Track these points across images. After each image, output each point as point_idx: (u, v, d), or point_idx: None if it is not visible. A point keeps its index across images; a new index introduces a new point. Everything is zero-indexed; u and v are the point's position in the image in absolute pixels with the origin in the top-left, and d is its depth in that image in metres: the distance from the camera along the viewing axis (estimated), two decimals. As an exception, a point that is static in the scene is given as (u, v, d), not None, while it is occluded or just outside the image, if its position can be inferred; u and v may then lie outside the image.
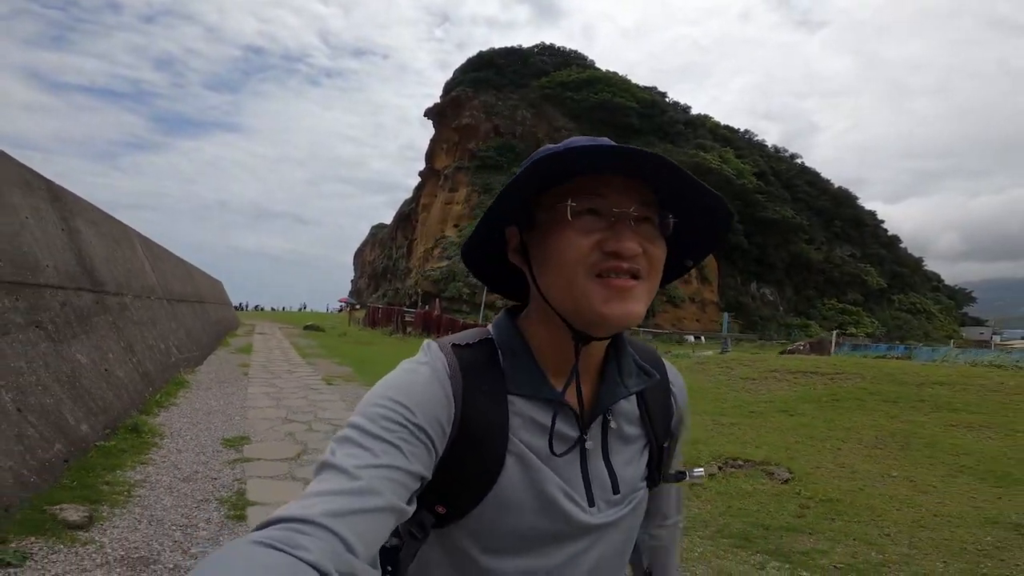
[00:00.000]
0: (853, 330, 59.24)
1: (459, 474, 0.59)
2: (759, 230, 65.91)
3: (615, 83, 70.11)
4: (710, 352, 18.53)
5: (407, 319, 25.47)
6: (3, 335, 3.64)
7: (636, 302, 0.57)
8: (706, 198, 0.59)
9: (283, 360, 12.36)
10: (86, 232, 6.52)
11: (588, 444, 0.64)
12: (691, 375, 9.73)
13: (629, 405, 0.69)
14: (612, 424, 0.66)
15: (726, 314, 40.56)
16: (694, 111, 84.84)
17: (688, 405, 0.78)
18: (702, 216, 0.61)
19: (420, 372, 0.60)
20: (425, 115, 70.76)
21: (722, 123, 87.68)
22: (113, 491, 3.44)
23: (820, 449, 5.32)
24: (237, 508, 3.42)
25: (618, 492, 0.65)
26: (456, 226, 55.11)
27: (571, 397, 0.63)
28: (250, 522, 3.29)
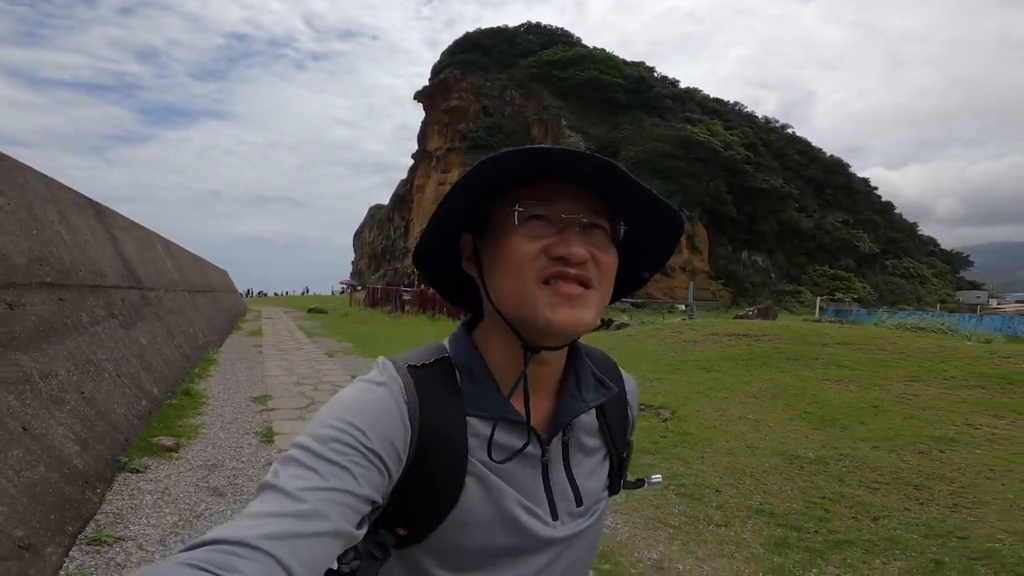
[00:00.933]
0: (840, 295, 60.56)
1: (419, 497, 0.58)
2: (748, 199, 66.86)
3: (602, 60, 70.17)
4: (678, 319, 20.09)
5: (404, 298, 26.91)
6: (97, 324, 5.15)
7: (586, 309, 0.57)
8: (658, 207, 0.58)
9: (291, 340, 13.95)
10: (123, 239, 7.99)
11: (548, 459, 0.64)
12: (646, 340, 11.17)
13: (588, 418, 0.69)
14: (571, 436, 0.66)
15: (691, 283, 42.06)
16: (690, 82, 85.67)
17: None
18: (655, 225, 0.61)
19: (375, 393, 0.58)
20: (415, 98, 71.20)
21: (712, 95, 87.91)
22: (185, 430, 5.00)
23: (711, 398, 6.47)
24: (267, 437, 5.00)
25: (581, 504, 0.66)
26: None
27: (534, 417, 0.63)
28: (277, 444, 4.85)
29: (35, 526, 2.59)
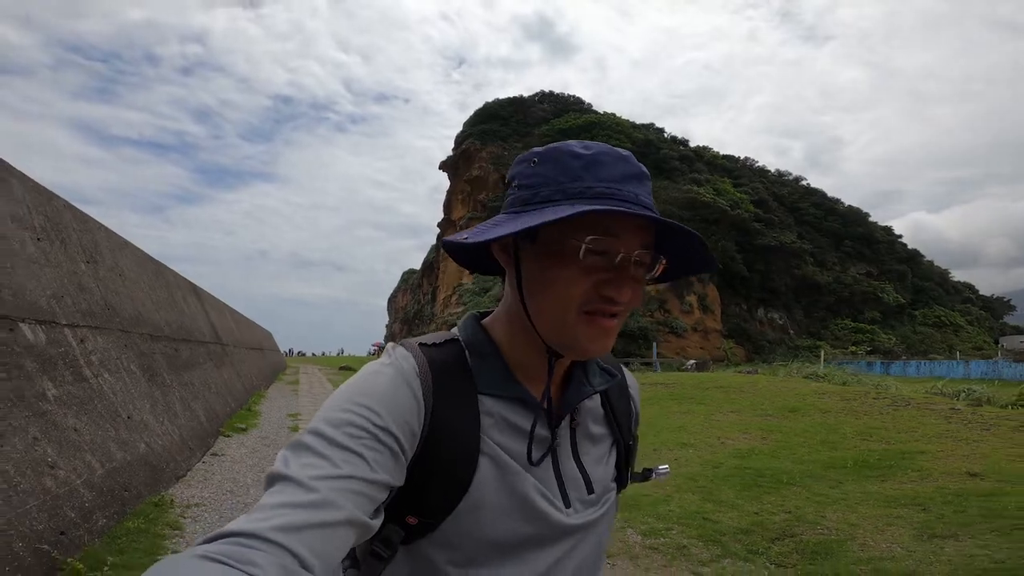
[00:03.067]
0: (853, 348, 60.94)
1: (431, 478, 0.57)
2: (760, 257, 68.87)
3: (610, 125, 75.97)
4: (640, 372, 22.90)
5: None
6: (205, 363, 8.87)
7: (612, 338, 0.59)
8: (699, 248, 0.58)
9: (320, 387, 17.69)
10: (209, 310, 11.95)
11: (558, 444, 0.64)
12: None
13: (594, 404, 0.70)
14: (579, 422, 0.67)
15: (655, 343, 44.48)
16: (714, 134, 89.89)
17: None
18: (687, 262, 0.62)
19: (385, 373, 0.57)
20: (440, 168, 78.11)
21: (723, 153, 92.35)
22: (250, 424, 8.57)
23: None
24: (294, 429, 8.55)
25: (592, 492, 0.65)
26: (472, 274, 60.80)
27: (538, 398, 0.63)
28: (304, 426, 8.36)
29: (196, 442, 6.16)
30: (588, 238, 0.54)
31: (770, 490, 4.96)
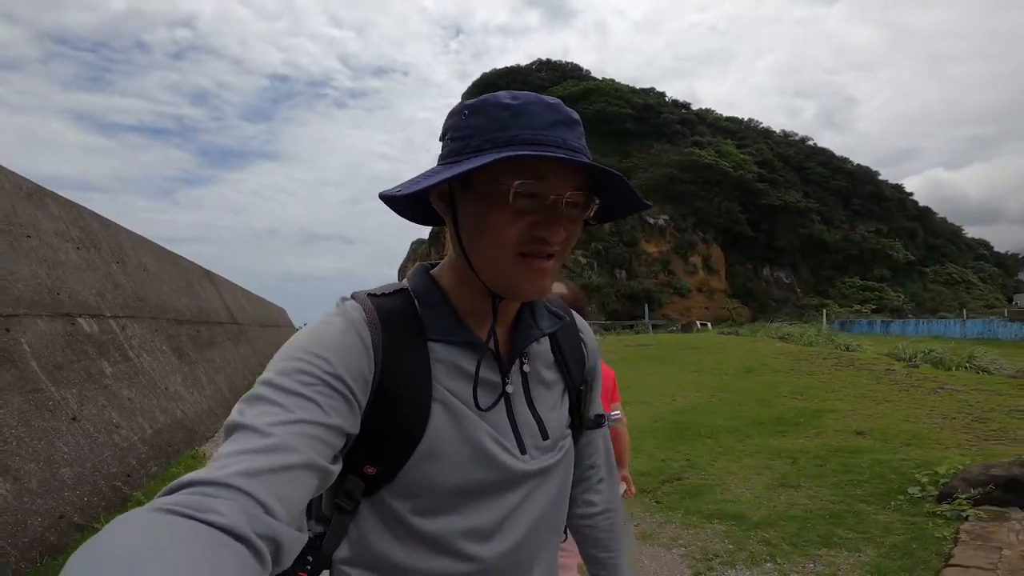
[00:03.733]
0: (858, 307, 61.20)
1: (386, 426, 0.57)
2: (765, 217, 68.61)
3: (608, 92, 74.70)
4: (635, 334, 23.80)
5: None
6: (223, 342, 9.94)
7: (548, 279, 0.60)
8: (629, 193, 0.60)
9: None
10: (224, 293, 13.00)
11: (510, 389, 0.64)
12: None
13: (544, 349, 0.71)
14: (529, 367, 0.67)
15: (646, 306, 45.13)
16: (721, 96, 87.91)
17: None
18: (620, 200, 0.62)
19: (334, 322, 0.58)
20: (440, 139, 77.58)
21: (726, 115, 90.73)
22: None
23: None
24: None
25: (547, 438, 0.66)
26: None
27: (490, 344, 0.64)
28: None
29: (220, 409, 7.25)
30: (516, 182, 0.55)
31: (687, 441, 5.64)
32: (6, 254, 3.72)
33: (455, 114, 0.62)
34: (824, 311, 47.04)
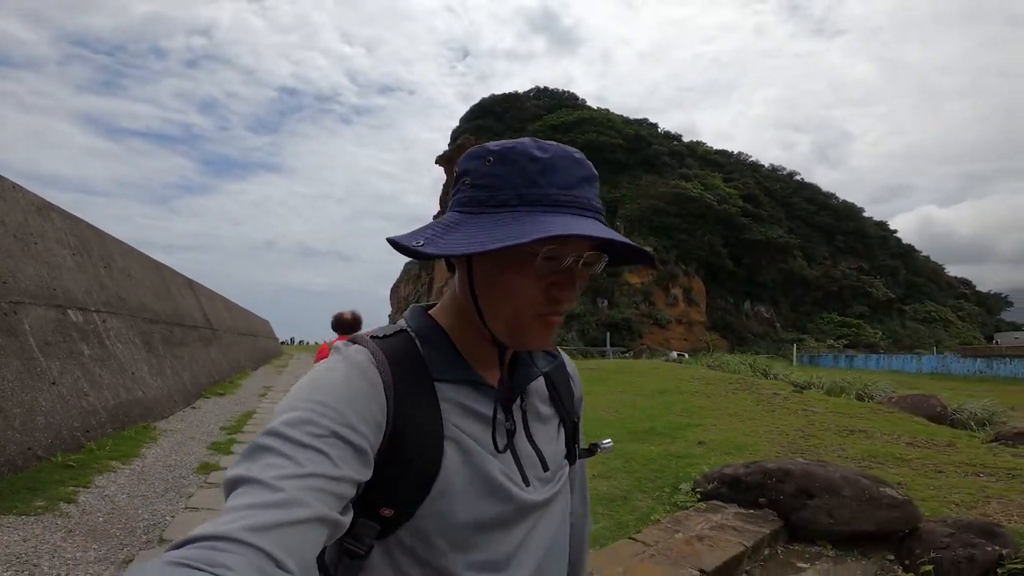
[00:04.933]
0: (831, 343, 62.57)
1: (400, 468, 0.57)
2: (747, 251, 70.45)
3: (601, 122, 77.24)
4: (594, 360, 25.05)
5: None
6: (196, 343, 11.14)
7: (554, 332, 0.63)
8: (639, 253, 0.62)
9: (304, 369, 19.97)
10: (202, 299, 14.21)
11: (512, 427, 0.66)
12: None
13: (539, 386, 0.73)
14: (528, 403, 0.69)
15: (608, 334, 46.55)
16: (720, 127, 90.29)
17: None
18: (627, 254, 0.64)
19: (339, 368, 0.58)
20: (437, 162, 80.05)
21: (715, 148, 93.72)
22: (228, 392, 10.88)
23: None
24: (263, 395, 10.80)
25: (548, 469, 0.68)
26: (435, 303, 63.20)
27: (492, 382, 0.65)
28: (269, 398, 10.60)
29: (179, 396, 8.44)
30: (545, 248, 0.56)
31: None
32: (18, 257, 5.02)
33: (477, 157, 0.61)
34: (795, 346, 48.53)
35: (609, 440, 0.86)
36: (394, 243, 0.61)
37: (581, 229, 0.55)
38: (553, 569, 0.69)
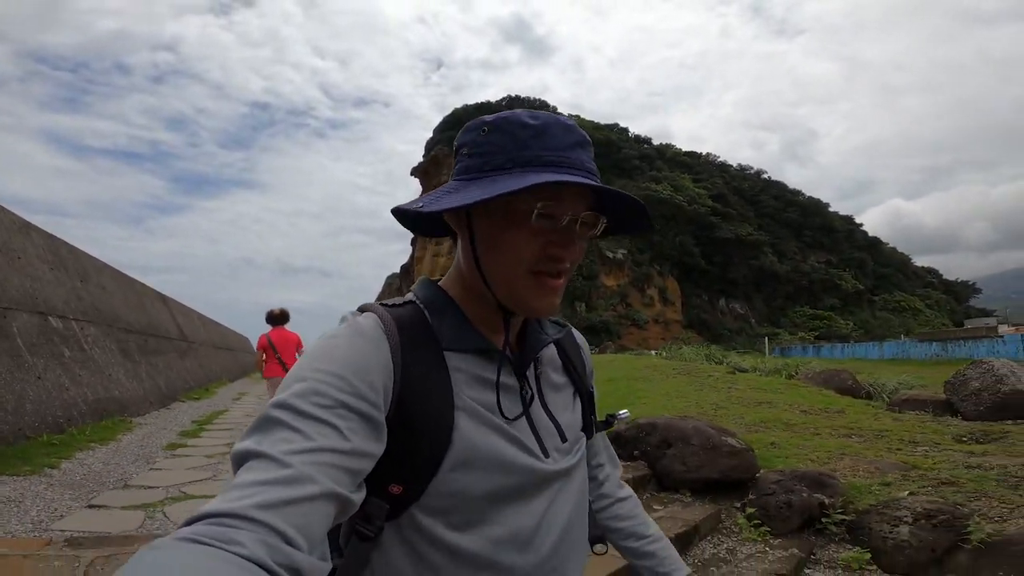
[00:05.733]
0: (802, 335, 64.38)
1: (411, 440, 0.56)
2: (719, 250, 72.45)
3: (574, 126, 78.71)
4: None
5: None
6: (171, 353, 11.78)
7: (557, 296, 0.62)
8: (639, 210, 0.62)
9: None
10: (176, 313, 14.80)
11: (528, 394, 0.65)
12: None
13: (552, 354, 0.73)
14: (542, 371, 0.69)
15: (586, 335, 48.29)
16: (692, 128, 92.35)
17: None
18: (627, 220, 0.65)
19: (344, 335, 0.57)
20: (412, 174, 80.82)
21: (685, 149, 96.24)
22: (203, 397, 11.54)
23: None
24: (237, 399, 11.48)
25: (565, 440, 0.67)
26: (443, 275, 63.79)
27: (506, 351, 0.65)
28: (242, 401, 11.28)
29: (154, 398, 9.13)
30: (539, 204, 0.57)
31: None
32: (5, 270, 5.77)
33: (473, 129, 0.63)
34: (766, 339, 50.13)
35: (625, 410, 0.87)
36: (398, 211, 0.65)
37: (570, 178, 0.57)
38: (574, 543, 0.67)
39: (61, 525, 3.27)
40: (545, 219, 0.58)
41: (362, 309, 0.63)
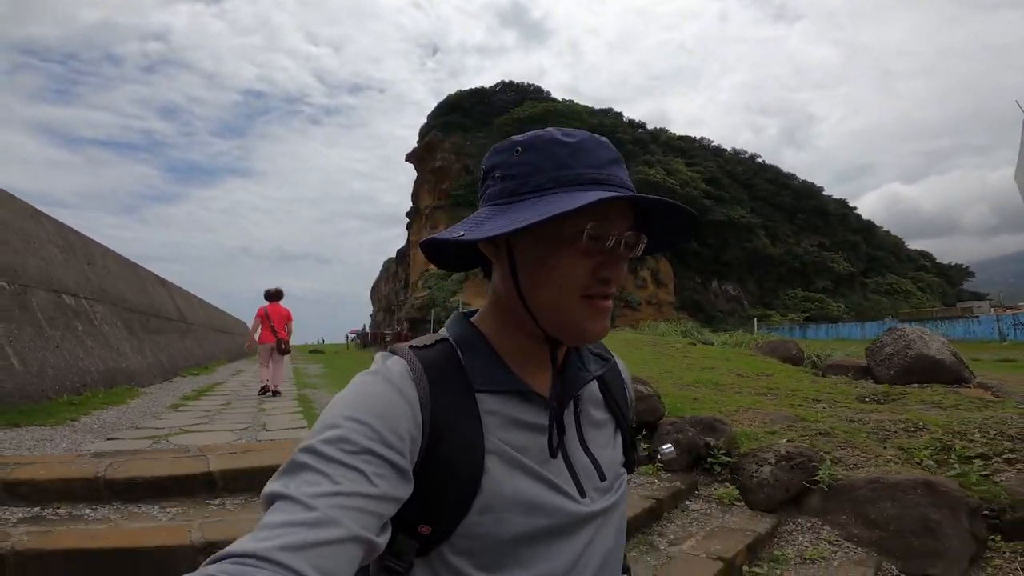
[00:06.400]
0: (792, 316, 65.36)
1: (439, 483, 0.56)
2: (712, 232, 73.08)
3: (566, 113, 78.61)
4: None
5: (387, 339, 34.34)
6: (172, 333, 12.56)
7: (608, 319, 0.61)
8: (681, 217, 0.61)
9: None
10: (176, 296, 15.57)
11: (565, 434, 0.64)
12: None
13: (593, 389, 0.70)
14: (582, 409, 0.67)
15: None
16: (690, 112, 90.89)
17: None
18: (668, 232, 0.64)
19: (374, 382, 0.57)
20: (407, 159, 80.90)
21: (679, 134, 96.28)
22: (202, 372, 12.35)
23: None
24: (236, 374, 12.30)
25: (605, 479, 0.65)
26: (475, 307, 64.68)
27: (540, 389, 0.63)
28: (240, 376, 12.09)
29: (157, 371, 9.95)
30: (590, 224, 0.56)
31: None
32: (23, 252, 6.51)
33: (504, 151, 0.62)
34: (755, 320, 51.04)
35: (670, 445, 0.79)
36: (431, 243, 0.64)
37: (627, 195, 0.56)
38: None
39: (86, 449, 4.09)
40: (594, 241, 0.57)
41: (392, 351, 0.62)
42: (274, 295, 7.73)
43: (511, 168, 0.60)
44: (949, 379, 6.73)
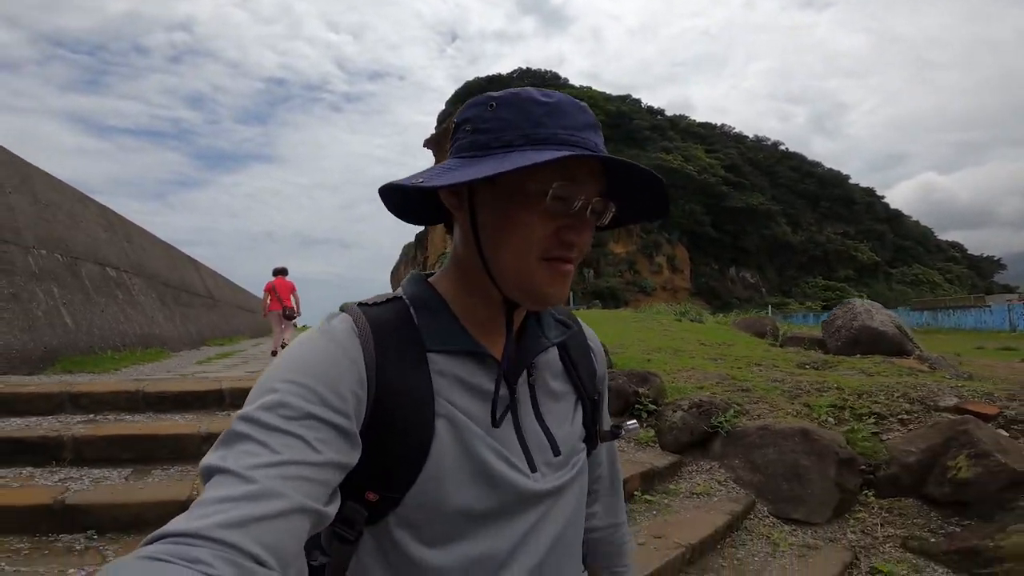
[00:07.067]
0: (809, 304, 64.74)
1: (387, 447, 0.53)
2: (730, 219, 72.57)
3: (583, 100, 78.48)
4: None
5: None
6: (201, 307, 13.80)
7: (568, 284, 0.58)
8: (656, 189, 0.58)
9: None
10: (204, 275, 16.85)
11: (518, 402, 0.61)
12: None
13: (552, 359, 0.67)
14: (537, 378, 0.64)
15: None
16: (714, 100, 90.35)
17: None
18: (641, 204, 0.61)
19: (316, 341, 0.54)
20: (425, 145, 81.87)
21: (699, 120, 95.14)
22: (230, 343, 13.56)
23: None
24: (258, 344, 13.51)
25: (559, 454, 0.62)
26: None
27: (497, 354, 0.60)
28: (262, 346, 13.28)
29: (187, 340, 11.15)
30: (555, 183, 0.53)
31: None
32: (73, 229, 7.63)
33: (479, 104, 0.59)
34: (769, 307, 51.06)
35: (634, 421, 0.84)
36: (389, 189, 0.60)
37: (600, 153, 0.55)
38: (560, 566, 0.62)
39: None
40: (559, 201, 0.54)
41: (342, 308, 0.59)
42: (280, 271, 8.83)
43: (484, 122, 0.57)
44: (891, 351, 7.30)
